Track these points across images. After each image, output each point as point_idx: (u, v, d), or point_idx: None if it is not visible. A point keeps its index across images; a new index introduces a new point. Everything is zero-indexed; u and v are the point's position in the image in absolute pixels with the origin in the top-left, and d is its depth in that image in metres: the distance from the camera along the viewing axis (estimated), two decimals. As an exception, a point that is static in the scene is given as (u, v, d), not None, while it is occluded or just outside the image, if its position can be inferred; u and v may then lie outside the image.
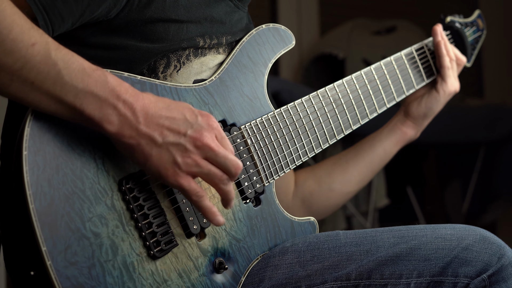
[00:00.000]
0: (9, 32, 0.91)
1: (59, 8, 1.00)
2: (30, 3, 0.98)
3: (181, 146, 0.99)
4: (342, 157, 1.43)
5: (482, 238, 1.12)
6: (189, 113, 1.01)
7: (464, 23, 1.51)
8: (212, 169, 1.01)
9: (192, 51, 1.14)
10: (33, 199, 0.93)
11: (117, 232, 0.99)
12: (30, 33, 0.93)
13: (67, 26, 1.03)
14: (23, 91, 0.93)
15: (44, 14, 0.99)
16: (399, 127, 1.42)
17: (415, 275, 1.11)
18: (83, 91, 0.94)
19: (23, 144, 0.94)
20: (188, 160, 0.99)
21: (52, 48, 0.94)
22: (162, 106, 0.99)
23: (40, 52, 0.93)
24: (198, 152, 1.00)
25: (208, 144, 1.00)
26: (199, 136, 1.00)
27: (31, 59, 0.92)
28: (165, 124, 0.98)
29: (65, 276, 0.93)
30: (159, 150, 0.98)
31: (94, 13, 1.04)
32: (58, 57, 0.94)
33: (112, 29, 1.07)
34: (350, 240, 1.15)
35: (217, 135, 1.02)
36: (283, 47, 1.24)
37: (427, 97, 1.41)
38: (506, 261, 1.10)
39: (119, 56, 1.08)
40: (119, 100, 0.96)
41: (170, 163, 0.99)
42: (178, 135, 0.99)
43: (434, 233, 1.13)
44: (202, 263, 1.08)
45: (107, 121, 0.95)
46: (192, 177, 1.01)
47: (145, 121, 0.97)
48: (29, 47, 0.92)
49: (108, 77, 0.96)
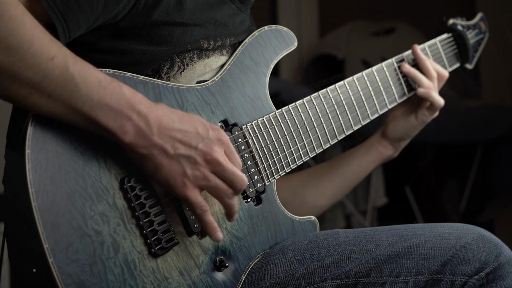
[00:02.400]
0: (30, 47, 0.92)
1: (76, 16, 1.01)
2: (49, 12, 0.99)
3: (191, 159, 1.01)
4: (318, 170, 1.44)
5: (480, 237, 1.13)
6: (201, 126, 1.03)
7: (466, 25, 1.51)
8: (219, 183, 1.03)
9: (196, 53, 1.15)
10: (36, 197, 0.93)
11: (119, 230, 1.00)
12: (49, 47, 0.94)
13: (81, 31, 1.04)
14: (40, 103, 0.95)
15: (63, 22, 1.00)
16: (376, 146, 1.43)
17: (413, 273, 1.12)
18: (99, 103, 0.96)
19: (26, 142, 0.95)
20: (197, 173, 1.02)
21: (70, 61, 0.95)
22: (175, 119, 1.01)
23: (58, 66, 0.94)
24: (207, 165, 1.02)
25: (217, 158, 1.02)
26: (209, 150, 1.02)
27: (50, 73, 0.93)
28: (177, 136, 1.00)
29: (66, 273, 0.93)
30: (170, 161, 1.00)
31: (106, 18, 1.05)
32: (75, 70, 0.95)
33: (117, 33, 1.08)
34: (349, 239, 1.16)
35: (226, 150, 1.04)
36: (285, 48, 1.25)
37: (404, 122, 1.41)
38: (504, 259, 1.11)
39: (125, 60, 1.09)
40: (133, 111, 0.98)
41: (180, 174, 1.01)
42: (189, 148, 1.01)
43: (432, 232, 1.14)
44: (203, 261, 1.08)
45: (122, 131, 0.97)
46: (199, 190, 1.03)
47: (158, 133, 0.99)
48: (48, 61, 0.93)
49: (123, 88, 0.98)
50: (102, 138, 1.01)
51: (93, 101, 0.96)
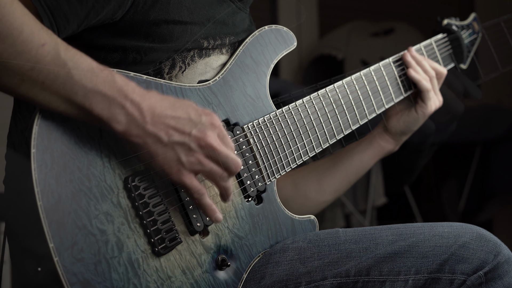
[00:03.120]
0: (20, 34, 0.92)
1: (64, 10, 1.01)
2: (36, 5, 0.99)
3: (185, 146, 1.02)
4: (320, 166, 1.44)
5: (479, 236, 1.13)
6: (193, 112, 1.03)
7: (460, 25, 1.52)
8: (214, 167, 1.04)
9: (196, 52, 1.16)
10: (41, 196, 0.94)
11: (123, 229, 1.01)
12: (40, 34, 0.94)
13: (73, 28, 1.04)
14: (33, 92, 0.95)
15: (50, 15, 1.00)
16: (377, 141, 1.43)
17: (413, 272, 1.13)
18: (92, 90, 0.96)
19: (31, 142, 0.95)
20: (192, 159, 1.02)
21: (62, 48, 0.95)
22: (167, 106, 1.01)
23: (50, 52, 0.94)
24: (201, 151, 1.03)
25: (211, 143, 1.03)
26: (202, 135, 1.02)
27: (41, 60, 0.93)
28: (171, 123, 1.01)
29: (71, 272, 0.94)
30: (165, 149, 1.01)
31: (98, 15, 1.05)
32: (68, 57, 0.95)
33: (118, 31, 1.09)
34: (349, 238, 1.17)
35: (219, 133, 1.05)
36: (285, 48, 1.26)
37: (406, 116, 1.41)
38: (502, 258, 1.11)
39: (126, 59, 1.10)
40: (126, 99, 0.98)
41: (175, 161, 1.02)
42: (183, 134, 1.02)
43: (431, 231, 1.15)
44: (205, 260, 1.09)
45: (115, 120, 0.98)
46: (194, 174, 1.04)
47: (151, 121, 0.99)
48: (39, 47, 0.93)
49: (115, 76, 0.98)
50: (106, 138, 1.02)
51: (86, 89, 0.96)
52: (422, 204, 3.54)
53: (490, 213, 3.35)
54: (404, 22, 3.48)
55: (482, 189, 3.30)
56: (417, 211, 3.34)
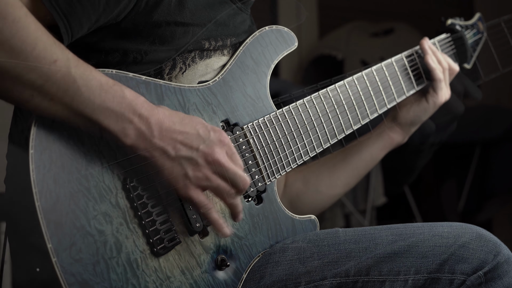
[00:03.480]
0: (33, 49, 0.93)
1: (79, 15, 1.02)
2: (52, 11, 1.00)
3: (193, 161, 1.03)
4: (330, 160, 1.45)
5: (478, 236, 1.14)
6: (202, 128, 1.04)
7: (464, 25, 1.52)
8: (221, 183, 1.05)
9: (197, 53, 1.16)
10: (39, 197, 0.94)
11: (121, 230, 1.01)
12: (52, 50, 0.95)
13: (84, 31, 1.05)
14: (42, 106, 0.96)
15: (65, 21, 1.01)
16: (387, 132, 1.44)
17: (412, 272, 1.13)
18: (100, 106, 0.97)
19: (29, 143, 0.96)
20: (199, 174, 1.03)
21: (73, 64, 0.96)
22: (176, 121, 1.02)
23: (61, 68, 0.95)
24: (209, 167, 1.03)
25: (218, 159, 1.03)
26: (210, 151, 1.03)
27: (52, 76, 0.94)
28: (179, 138, 1.02)
29: (70, 272, 0.94)
30: (172, 163, 1.02)
31: (107, 17, 1.06)
32: (78, 74, 0.96)
33: (119, 33, 1.09)
34: (349, 238, 1.17)
35: (227, 151, 1.06)
36: (286, 48, 1.26)
37: (416, 106, 1.42)
38: (502, 258, 1.12)
39: (127, 60, 1.10)
40: (135, 114, 0.99)
41: (181, 176, 1.02)
42: (190, 149, 1.02)
43: (431, 231, 1.15)
44: (205, 260, 1.09)
45: (123, 134, 0.99)
46: (201, 190, 1.04)
47: (159, 135, 1.00)
48: (51, 63, 0.94)
49: (125, 92, 0.99)
50: (104, 138, 1.02)
51: (94, 104, 0.97)
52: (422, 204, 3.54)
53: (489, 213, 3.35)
54: (404, 23, 3.49)
55: (481, 189, 3.30)
56: (416, 211, 3.34)
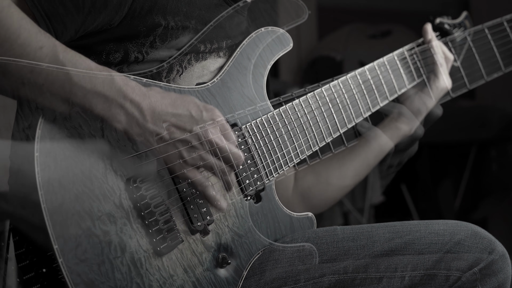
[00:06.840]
0: (17, 37, 0.94)
1: (61, 15, 1.02)
2: (33, 10, 1.00)
3: (187, 142, 1.04)
4: (339, 152, 1.46)
5: (474, 233, 1.15)
6: (194, 108, 1.05)
7: (452, 24, 1.55)
8: (216, 162, 1.06)
9: (193, 55, 1.18)
10: (45, 199, 0.96)
11: (125, 230, 1.02)
12: (37, 37, 0.95)
13: (71, 33, 1.05)
14: (34, 94, 0.96)
15: (47, 21, 1.01)
16: (394, 123, 1.44)
17: (409, 269, 1.14)
18: (91, 91, 0.97)
19: (34, 146, 0.97)
20: (194, 155, 1.05)
21: (60, 50, 0.97)
22: (168, 103, 1.03)
23: (48, 55, 0.95)
24: (203, 147, 1.05)
25: (212, 139, 1.05)
26: (204, 132, 1.05)
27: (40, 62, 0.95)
28: (172, 121, 1.03)
29: (76, 272, 0.96)
30: (166, 146, 1.03)
31: (96, 20, 1.06)
32: (66, 58, 0.96)
33: (116, 37, 1.10)
34: (347, 235, 1.19)
35: (221, 128, 1.07)
36: (282, 49, 1.28)
37: (420, 93, 1.43)
38: (497, 255, 1.13)
39: (125, 63, 1.11)
40: (126, 99, 0.99)
41: (177, 158, 1.04)
42: (184, 131, 1.04)
43: (427, 229, 1.17)
44: (206, 258, 1.11)
45: (115, 120, 0.99)
46: (197, 169, 1.06)
47: (152, 119, 1.01)
48: (37, 50, 0.95)
49: (115, 77, 1.00)
50: (108, 140, 1.03)
51: (85, 90, 0.97)
52: (419, 202, 3.55)
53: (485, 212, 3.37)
54: (401, 25, 3.51)
55: (477, 188, 3.32)
56: (413, 209, 3.36)
